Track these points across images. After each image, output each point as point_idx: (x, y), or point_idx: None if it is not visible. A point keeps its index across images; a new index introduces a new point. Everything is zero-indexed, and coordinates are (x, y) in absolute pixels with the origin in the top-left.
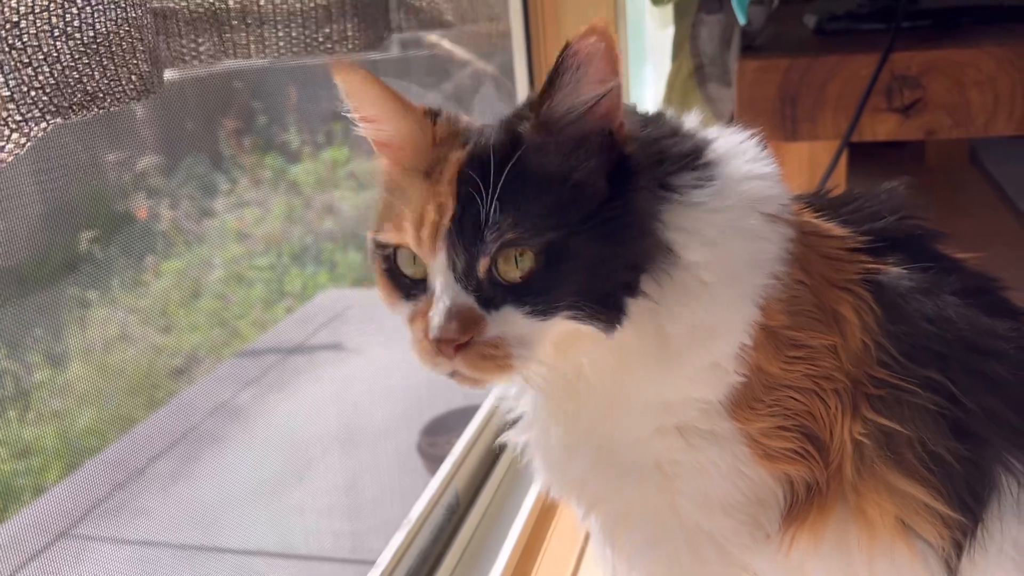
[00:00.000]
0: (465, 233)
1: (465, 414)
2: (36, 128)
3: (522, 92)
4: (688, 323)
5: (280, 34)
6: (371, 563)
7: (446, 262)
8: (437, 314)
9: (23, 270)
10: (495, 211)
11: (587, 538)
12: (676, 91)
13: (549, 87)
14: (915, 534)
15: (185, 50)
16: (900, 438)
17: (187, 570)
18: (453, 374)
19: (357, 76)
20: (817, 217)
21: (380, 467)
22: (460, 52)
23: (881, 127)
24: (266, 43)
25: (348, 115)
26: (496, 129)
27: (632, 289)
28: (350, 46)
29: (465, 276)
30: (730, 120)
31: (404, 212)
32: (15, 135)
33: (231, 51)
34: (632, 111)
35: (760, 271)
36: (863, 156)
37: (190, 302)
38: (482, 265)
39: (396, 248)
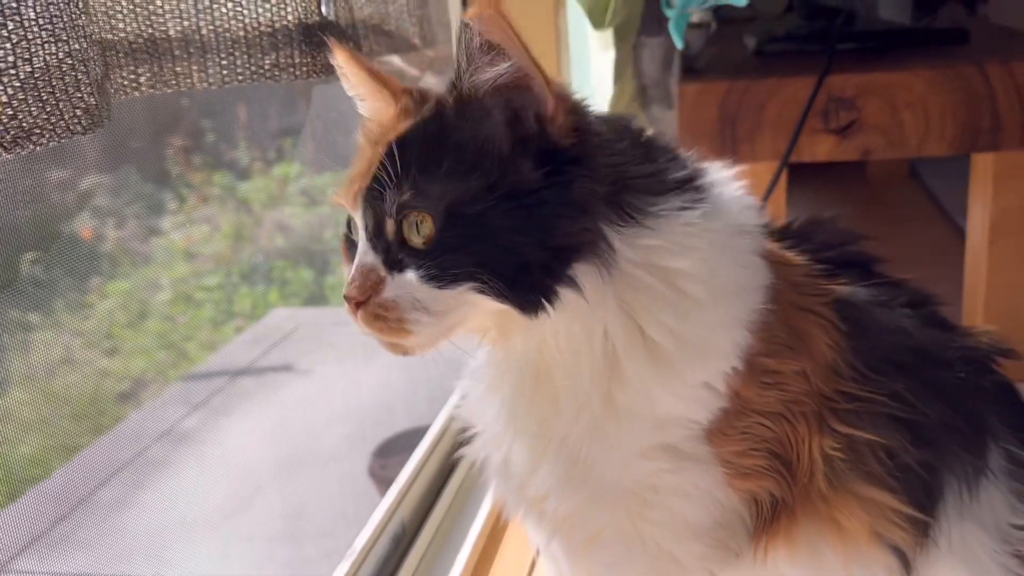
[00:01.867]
0: (374, 195)
1: (416, 435)
2: None
3: None
4: (674, 333)
5: (224, 63)
6: None
7: (362, 222)
8: (348, 273)
9: None
10: (399, 175)
11: (536, 559)
12: (621, 111)
13: (458, 64)
14: (887, 541)
15: (126, 82)
16: (868, 449)
17: None
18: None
19: (342, 56)
20: (777, 246)
21: (331, 491)
22: (412, 70)
23: (819, 148)
24: (209, 72)
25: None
26: (430, 104)
27: (555, 274)
28: (297, 73)
29: (375, 237)
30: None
31: (350, 176)
32: None
33: (173, 81)
34: (613, 119)
35: (749, 297)
36: (804, 172)
37: (137, 324)
38: (388, 227)
39: (350, 215)
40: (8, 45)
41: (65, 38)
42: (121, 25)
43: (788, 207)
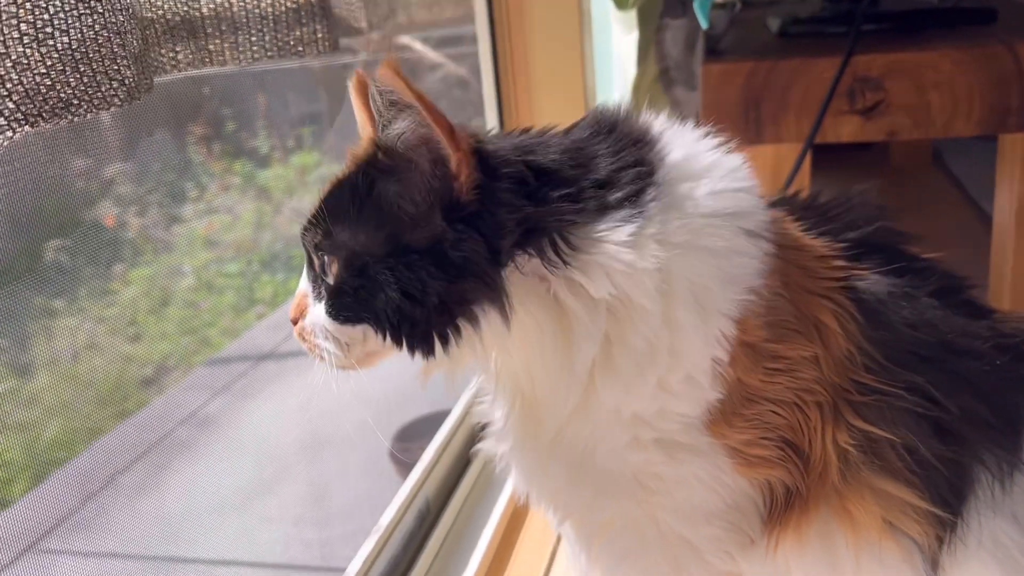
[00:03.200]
0: (307, 230)
1: (437, 419)
2: (1, 137)
3: (488, 95)
4: (628, 347)
5: (253, 39)
6: (341, 571)
7: (304, 251)
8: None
9: None
10: (322, 216)
11: (559, 541)
12: (642, 95)
13: (376, 117)
14: (901, 532)
15: (164, 59)
16: (885, 443)
17: None
18: None
19: (352, 82)
20: (794, 224)
21: (351, 474)
22: (432, 55)
23: (844, 129)
24: (240, 49)
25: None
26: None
27: (443, 325)
28: (320, 48)
29: (309, 266)
30: (696, 123)
31: None
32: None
33: (207, 59)
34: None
35: (733, 287)
36: (828, 157)
37: (159, 310)
38: (315, 261)
39: None
40: (46, 16)
41: (101, 10)
42: (159, 3)
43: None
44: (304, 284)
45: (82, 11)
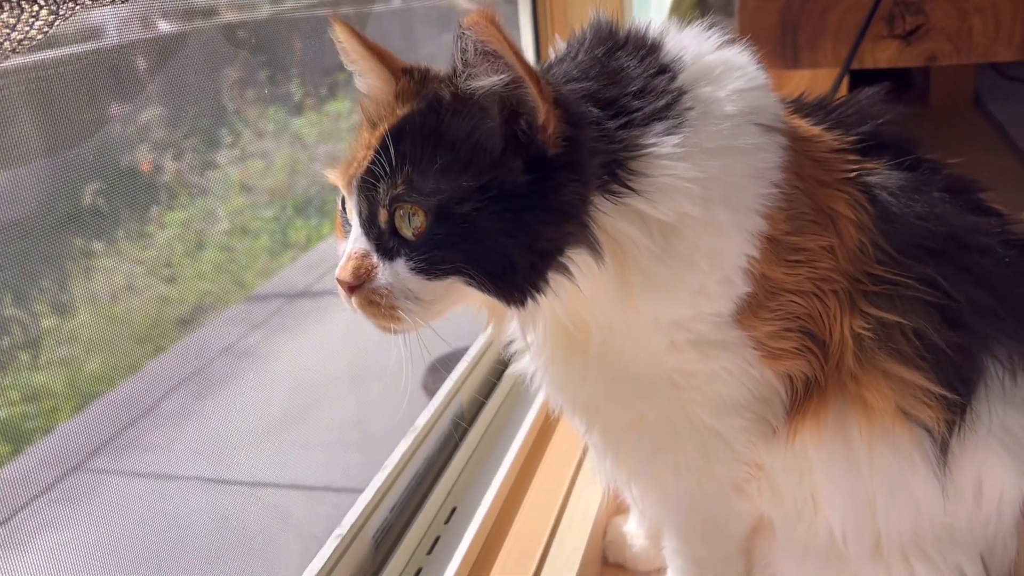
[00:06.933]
0: (369, 184)
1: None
2: (64, 7)
3: (527, 43)
4: (676, 256)
5: None
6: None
7: (357, 208)
8: (343, 256)
9: (28, 223)
10: (394, 167)
11: (585, 451)
12: (680, 19)
13: (455, 66)
14: (913, 418)
15: None
16: (897, 329)
17: (200, 499)
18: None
19: (342, 31)
20: (804, 120)
21: (386, 405)
22: (464, 2)
23: (882, 54)
24: None
25: (348, 67)
26: (426, 95)
27: (541, 271)
28: None
29: (368, 224)
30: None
31: (347, 157)
32: (43, 11)
33: None
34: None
35: (760, 182)
36: None
37: (195, 253)
38: (381, 216)
39: (344, 195)
40: None
41: None
42: None
43: None
44: (360, 244)
45: None
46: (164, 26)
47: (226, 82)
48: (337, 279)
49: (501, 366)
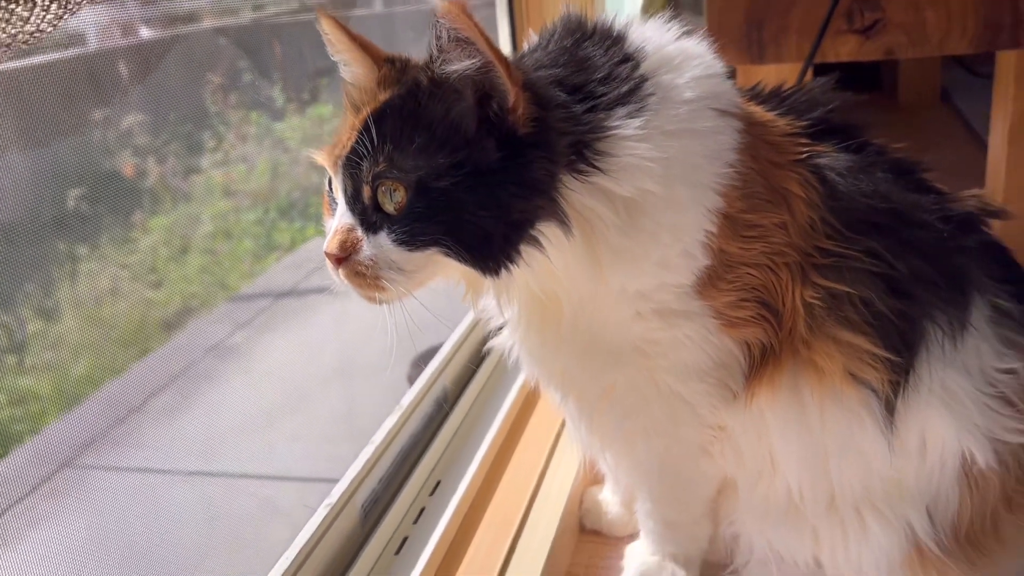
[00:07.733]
0: (353, 163)
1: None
2: (72, 1)
3: (504, 41)
4: (639, 229)
5: None
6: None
7: (342, 186)
8: (329, 231)
9: (12, 228)
10: (375, 146)
11: (562, 427)
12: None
13: (430, 52)
14: (860, 380)
15: None
16: (845, 298)
17: (189, 492)
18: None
19: (328, 23)
20: (759, 107)
21: (371, 399)
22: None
23: (843, 48)
24: None
25: (333, 58)
26: (405, 81)
27: (514, 242)
28: None
29: (353, 200)
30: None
31: (333, 140)
32: (53, 5)
33: None
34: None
35: (716, 162)
36: None
37: (179, 257)
38: (365, 192)
39: (330, 176)
40: None
41: None
42: None
43: None
44: (345, 219)
45: None
46: (146, 32)
47: (209, 86)
48: (325, 252)
49: (483, 352)
